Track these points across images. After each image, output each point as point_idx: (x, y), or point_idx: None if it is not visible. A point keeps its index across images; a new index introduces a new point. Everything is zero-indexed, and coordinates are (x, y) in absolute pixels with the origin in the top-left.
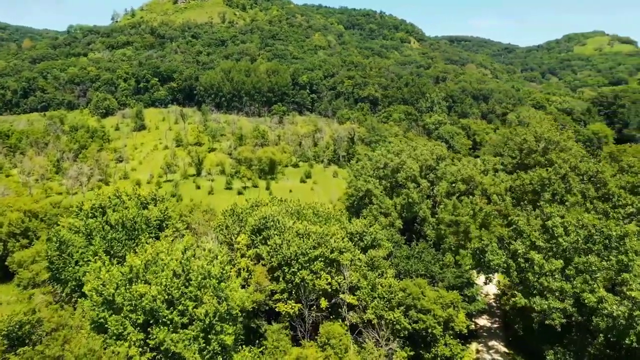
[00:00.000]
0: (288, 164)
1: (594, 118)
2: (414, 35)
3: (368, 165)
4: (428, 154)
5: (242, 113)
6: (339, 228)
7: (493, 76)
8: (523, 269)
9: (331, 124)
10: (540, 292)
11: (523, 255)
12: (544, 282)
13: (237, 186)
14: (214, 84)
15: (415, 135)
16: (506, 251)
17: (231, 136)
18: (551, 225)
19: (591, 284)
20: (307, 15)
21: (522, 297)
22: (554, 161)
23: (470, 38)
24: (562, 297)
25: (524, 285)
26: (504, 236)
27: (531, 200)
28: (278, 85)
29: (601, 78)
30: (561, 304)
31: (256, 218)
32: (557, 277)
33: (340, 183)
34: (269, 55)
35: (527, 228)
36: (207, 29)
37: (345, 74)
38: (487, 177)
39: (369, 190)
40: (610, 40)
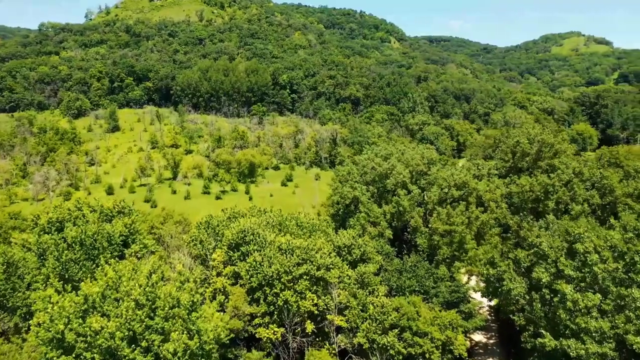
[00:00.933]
0: (268, 166)
1: (578, 118)
2: (394, 35)
3: (354, 171)
4: (419, 158)
5: (221, 113)
6: (325, 241)
7: (473, 76)
8: (549, 302)
9: (313, 124)
10: (575, 333)
11: (548, 285)
12: (581, 323)
13: (215, 190)
14: (191, 83)
15: (398, 136)
16: (524, 277)
17: (209, 138)
18: (582, 250)
19: (636, 323)
20: (286, 14)
21: (552, 338)
22: (556, 166)
23: (450, 38)
24: (601, 339)
25: (550, 322)
26: (520, 259)
27: (531, 208)
28: (258, 84)
29: (578, 78)
30: (600, 348)
31: (234, 231)
32: (594, 314)
33: (323, 186)
34: (248, 54)
35: (552, 252)
36: (184, 27)
37: (326, 74)
38: (481, 182)
39: (356, 197)
40: (586, 41)
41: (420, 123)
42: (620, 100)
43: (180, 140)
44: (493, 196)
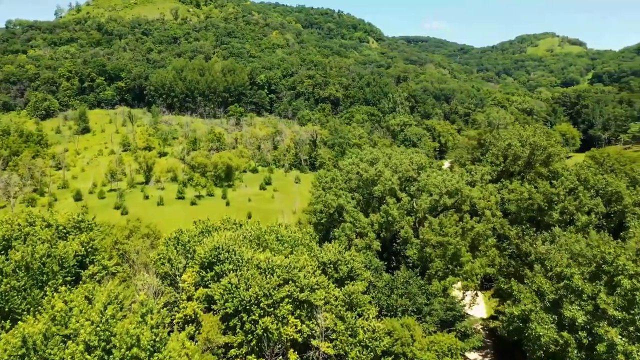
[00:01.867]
0: (246, 169)
1: (560, 119)
2: (373, 35)
3: (339, 177)
4: (407, 163)
5: (197, 114)
6: (309, 257)
7: (452, 76)
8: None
9: (292, 125)
10: None
11: (586, 327)
12: None
13: (190, 195)
14: (166, 83)
15: (379, 137)
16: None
17: (184, 140)
18: (630, 287)
19: None
20: (264, 13)
21: None
22: (558, 172)
23: (427, 39)
24: None
25: None
26: (545, 291)
27: (530, 218)
28: (234, 84)
29: (554, 78)
30: None
31: (206, 249)
32: None
33: (303, 189)
34: (225, 54)
35: (588, 287)
36: (158, 26)
37: (304, 73)
38: (474, 189)
39: (341, 205)
40: (560, 42)
41: (401, 124)
42: (600, 101)
43: (154, 142)
44: (488, 204)
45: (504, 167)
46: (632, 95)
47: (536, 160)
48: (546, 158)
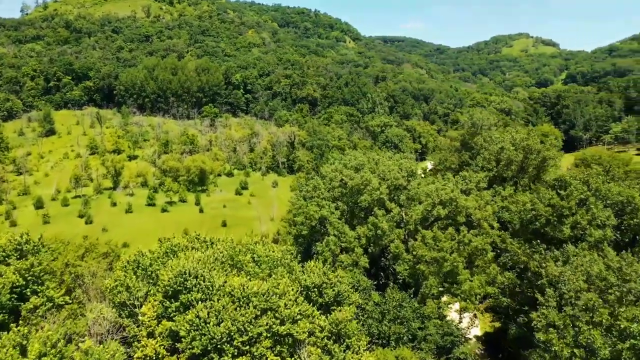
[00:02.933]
0: (221, 172)
1: (541, 119)
2: (349, 35)
3: (321, 185)
4: (396, 170)
5: (169, 115)
6: (290, 281)
7: (429, 76)
8: None
9: (269, 126)
10: None
11: None
12: None
13: (161, 201)
14: (136, 82)
15: (359, 138)
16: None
17: (156, 142)
18: None
19: None
20: (239, 12)
21: None
22: (566, 181)
23: (403, 39)
24: None
25: None
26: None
27: (534, 231)
28: (209, 84)
29: (528, 78)
30: None
31: (170, 274)
32: None
33: (281, 193)
34: (199, 52)
35: None
36: (129, 24)
37: (281, 73)
38: (470, 197)
39: (324, 217)
40: (534, 42)
41: (381, 125)
42: (581, 101)
43: (124, 144)
44: (484, 214)
45: (496, 172)
46: (611, 96)
47: (529, 165)
48: (540, 162)
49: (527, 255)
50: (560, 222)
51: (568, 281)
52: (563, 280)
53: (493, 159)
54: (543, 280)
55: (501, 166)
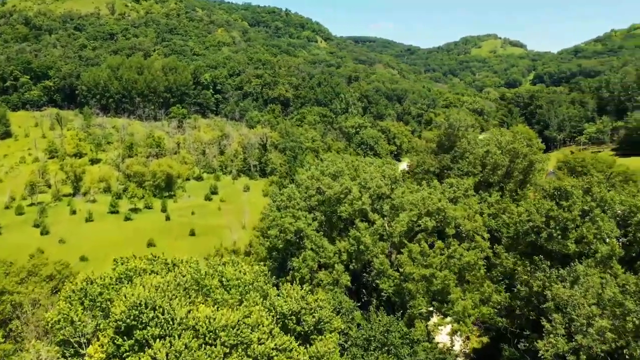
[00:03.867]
0: (190, 176)
1: (516, 119)
2: (321, 35)
3: (297, 195)
4: (379, 178)
5: (135, 116)
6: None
7: (401, 76)
8: None
9: (240, 128)
10: None
11: None
12: None
13: (124, 209)
14: (99, 82)
15: (333, 140)
16: None
17: (120, 144)
18: None
19: None
20: (208, 10)
21: None
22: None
23: (374, 39)
24: None
25: None
26: None
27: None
28: (177, 84)
29: (497, 79)
30: None
31: (123, 307)
32: None
33: (253, 198)
34: (166, 51)
35: None
36: (93, 21)
37: (252, 72)
38: (458, 206)
39: (301, 229)
40: (502, 43)
41: (356, 126)
42: (554, 101)
43: (85, 147)
44: (475, 225)
45: (482, 177)
46: (583, 96)
47: (515, 169)
48: (527, 167)
49: (529, 273)
50: (564, 236)
51: (578, 306)
52: (573, 305)
53: (479, 163)
54: (549, 303)
55: (487, 171)
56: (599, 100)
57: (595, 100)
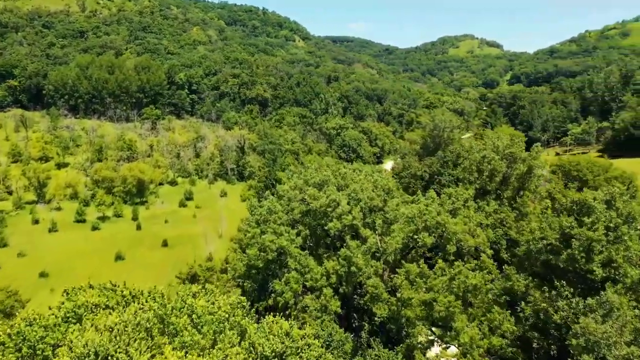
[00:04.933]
0: (163, 181)
1: (499, 120)
2: (299, 34)
3: (278, 208)
4: (371, 189)
5: (105, 118)
6: (242, 350)
7: (380, 76)
8: None
9: (216, 129)
10: None
11: None
12: None
13: (92, 217)
14: (67, 82)
15: (314, 142)
16: None
17: (90, 147)
18: None
19: None
20: (183, 8)
21: None
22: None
23: (353, 39)
24: None
25: None
26: None
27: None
28: (150, 84)
29: (475, 79)
30: None
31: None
32: None
33: (230, 204)
34: (139, 50)
35: None
36: (62, 18)
37: (229, 72)
38: (457, 220)
39: (283, 248)
40: (479, 44)
41: (337, 127)
42: (536, 101)
43: (52, 151)
44: (478, 241)
45: (478, 185)
46: (565, 96)
47: (511, 175)
48: (526, 173)
49: (548, 301)
50: (589, 258)
51: (614, 345)
52: (608, 345)
53: (475, 170)
54: (579, 340)
55: (484, 177)
56: (582, 100)
57: (578, 101)
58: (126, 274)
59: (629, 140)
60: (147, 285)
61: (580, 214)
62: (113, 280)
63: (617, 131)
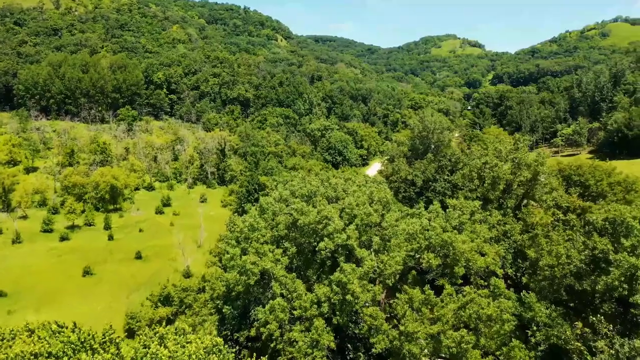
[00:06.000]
0: (139, 186)
1: (488, 121)
2: (281, 33)
3: (261, 224)
4: (366, 201)
5: (80, 119)
6: None
7: (363, 75)
8: None
9: (196, 131)
10: None
11: None
12: None
13: (61, 226)
14: (38, 81)
15: (298, 144)
16: None
17: (60, 150)
18: None
19: None
20: (163, 6)
21: None
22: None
23: (335, 38)
24: None
25: None
26: None
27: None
28: (127, 83)
29: (458, 79)
30: None
31: None
32: None
33: (210, 210)
34: (116, 48)
35: None
36: (35, 15)
37: (209, 71)
38: (463, 235)
39: (266, 270)
40: (461, 43)
41: (322, 128)
42: (524, 101)
43: (20, 154)
44: (489, 262)
45: (480, 193)
46: (552, 96)
47: (515, 182)
48: (532, 180)
49: (579, 337)
50: (632, 289)
51: None
52: None
53: (475, 177)
54: None
55: (486, 185)
56: (570, 100)
57: (567, 101)
58: (93, 293)
59: (622, 141)
60: (115, 305)
61: (615, 234)
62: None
63: (610, 132)
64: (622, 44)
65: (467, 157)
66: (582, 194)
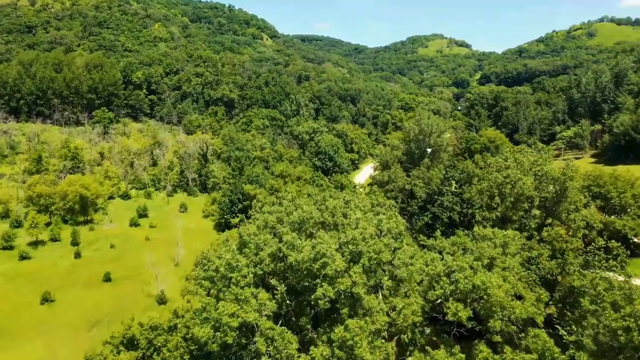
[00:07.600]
0: (114, 194)
1: (484, 122)
2: (267, 32)
3: (242, 262)
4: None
5: (52, 121)
6: None
7: (351, 75)
8: None
9: (176, 134)
10: None
11: None
12: None
13: (23, 242)
14: (7, 81)
15: (285, 147)
16: None
17: (30, 156)
18: None
19: None
20: (144, 3)
21: None
22: None
23: (322, 37)
24: None
25: None
26: None
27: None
28: (103, 83)
29: (446, 78)
30: None
31: None
32: None
33: (191, 221)
34: (93, 46)
35: None
36: (9, 12)
37: (192, 70)
38: (498, 279)
39: (248, 324)
40: (448, 43)
41: (310, 131)
42: (520, 102)
43: None
44: (530, 311)
45: (500, 213)
46: (549, 97)
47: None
48: (558, 197)
49: None
50: None
51: None
52: None
53: (496, 193)
54: None
55: (507, 204)
56: (569, 101)
57: (565, 101)
58: (51, 325)
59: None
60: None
61: None
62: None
63: (617, 135)
64: (608, 44)
65: (483, 171)
66: (603, 207)
